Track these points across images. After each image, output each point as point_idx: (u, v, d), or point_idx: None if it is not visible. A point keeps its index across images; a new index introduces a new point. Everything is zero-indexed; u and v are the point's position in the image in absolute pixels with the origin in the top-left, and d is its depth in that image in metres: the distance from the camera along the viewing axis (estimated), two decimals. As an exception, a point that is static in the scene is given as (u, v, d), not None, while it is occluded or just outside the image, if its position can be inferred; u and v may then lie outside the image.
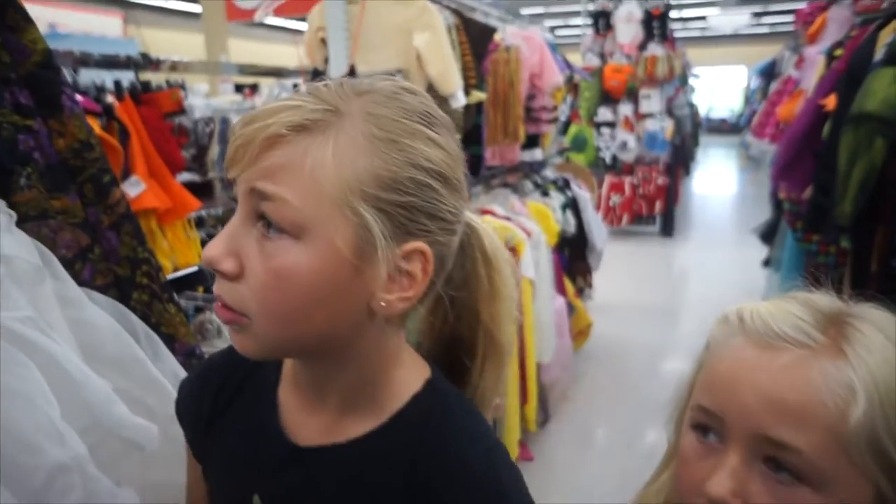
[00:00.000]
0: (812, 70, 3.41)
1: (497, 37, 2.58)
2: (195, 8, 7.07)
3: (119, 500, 0.64)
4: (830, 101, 2.48)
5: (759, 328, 0.57)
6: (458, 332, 0.62)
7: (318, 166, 0.47)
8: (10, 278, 0.63)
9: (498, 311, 0.62)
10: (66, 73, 1.57)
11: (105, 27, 8.95)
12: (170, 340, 0.85)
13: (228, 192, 4.72)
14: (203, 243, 1.82)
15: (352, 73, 1.84)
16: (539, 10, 13.76)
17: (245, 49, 9.58)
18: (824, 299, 0.60)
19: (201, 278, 1.35)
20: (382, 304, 0.50)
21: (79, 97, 1.47)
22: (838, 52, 2.90)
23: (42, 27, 0.92)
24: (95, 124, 1.38)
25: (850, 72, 2.30)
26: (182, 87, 1.80)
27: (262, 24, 7.32)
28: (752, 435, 0.52)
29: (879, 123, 1.89)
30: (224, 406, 0.62)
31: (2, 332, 0.59)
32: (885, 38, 2.12)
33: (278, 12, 2.82)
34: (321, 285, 0.48)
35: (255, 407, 0.60)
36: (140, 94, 1.61)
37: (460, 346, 0.63)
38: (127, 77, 1.81)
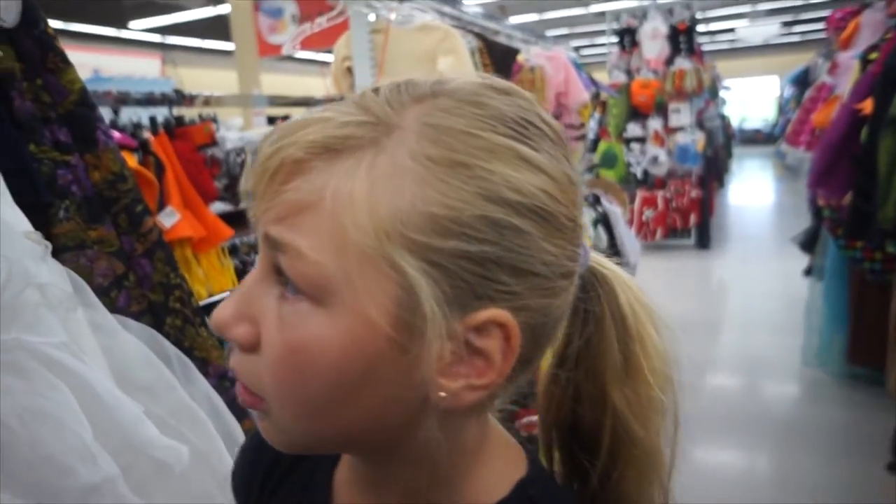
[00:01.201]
0: (846, 75, 3.34)
1: (521, 58, 2.60)
2: (228, 46, 7.35)
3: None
4: (867, 105, 2.43)
5: None
6: (577, 418, 0.47)
7: (344, 203, 0.34)
8: (45, 306, 0.65)
9: (637, 394, 0.45)
10: (107, 112, 1.64)
11: (145, 69, 9.34)
12: (203, 364, 0.86)
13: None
14: (237, 269, 1.86)
15: (377, 99, 1.87)
16: (564, 31, 13.85)
17: (276, 82, 9.86)
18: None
19: None
20: (443, 394, 0.36)
21: (117, 134, 1.54)
22: (873, 55, 2.84)
23: (86, 72, 0.97)
24: (133, 159, 1.43)
25: (886, 74, 2.25)
26: (214, 120, 1.85)
27: (291, 58, 7.53)
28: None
29: (919, 125, 1.84)
30: (276, 484, 0.51)
31: (37, 356, 0.60)
32: (920, 38, 2.07)
33: (305, 45, 2.90)
34: (351, 368, 0.36)
35: (307, 490, 0.49)
36: (174, 129, 1.67)
37: (578, 438, 0.47)
38: (162, 113, 1.88)
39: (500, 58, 2.25)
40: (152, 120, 1.62)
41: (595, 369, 0.45)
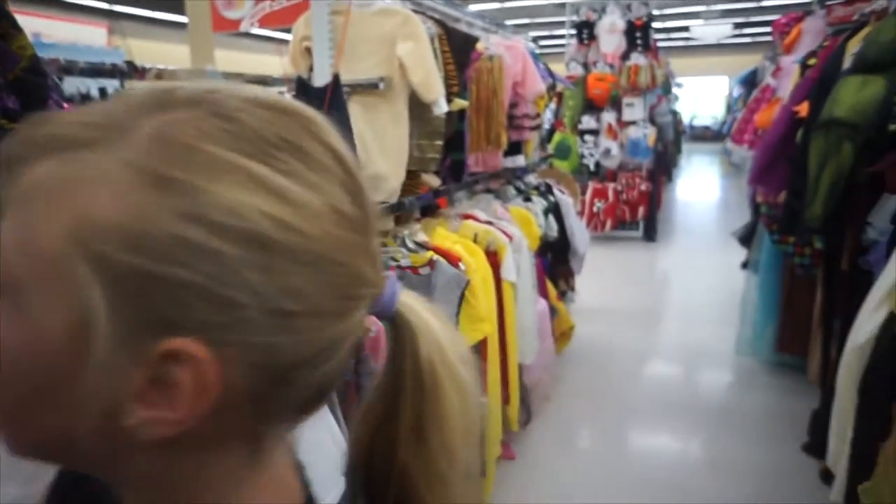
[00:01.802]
0: (788, 78, 3.50)
1: (480, 46, 2.64)
2: (181, 18, 7.11)
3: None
4: (803, 108, 2.56)
5: None
6: (370, 468, 0.42)
7: (42, 203, 0.32)
8: None
9: (428, 462, 0.40)
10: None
11: (90, 38, 8.94)
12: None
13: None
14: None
15: (336, 81, 1.87)
16: (524, 20, 13.92)
17: (231, 59, 9.60)
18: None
19: None
20: (133, 421, 0.33)
21: (66, 105, 1.50)
22: (812, 61, 2.98)
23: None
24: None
25: (821, 80, 2.38)
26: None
27: (247, 35, 7.34)
28: None
29: (847, 128, 1.97)
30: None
31: None
32: (852, 47, 2.21)
33: (263, 23, 2.86)
34: (26, 376, 0.33)
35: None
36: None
37: (367, 486, 0.42)
38: (112, 85, 1.84)
39: (459, 45, 2.28)
40: (102, 91, 1.59)
41: (387, 427, 0.40)
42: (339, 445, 1.20)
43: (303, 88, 1.88)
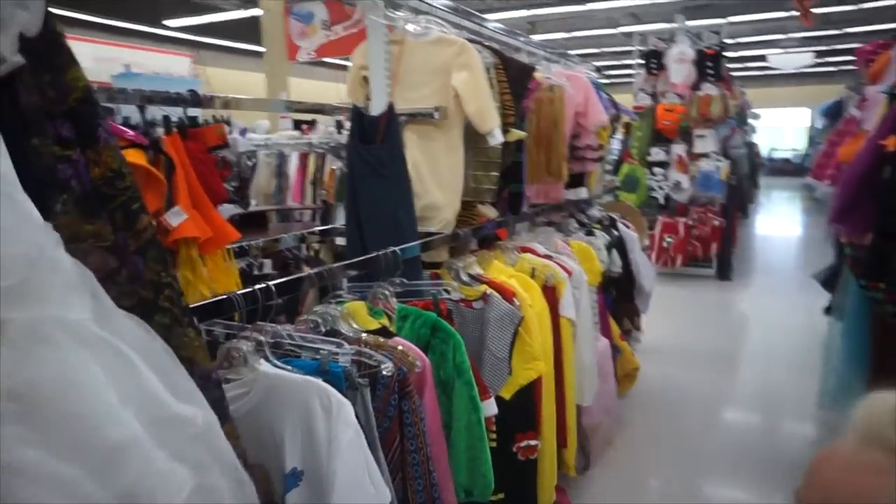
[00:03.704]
0: (874, 109, 3.29)
1: (540, 76, 2.60)
2: (260, 48, 7.49)
3: (175, 477, 0.70)
4: (892, 142, 2.37)
5: None
6: None
7: None
8: (70, 286, 0.72)
9: None
10: (134, 110, 1.66)
11: (176, 67, 9.48)
12: (189, 364, 0.86)
13: (284, 223, 4.86)
14: (242, 273, 1.87)
15: (390, 110, 1.88)
16: (593, 50, 13.85)
17: (306, 87, 9.99)
18: None
19: (237, 305, 1.37)
20: None
21: (129, 132, 1.56)
22: (901, 91, 2.78)
23: (118, 67, 0.98)
24: (142, 157, 1.45)
25: (911, 110, 2.20)
26: (227, 122, 1.87)
27: (322, 64, 7.59)
28: None
29: (942, 163, 1.79)
30: None
31: (68, 332, 0.68)
32: (948, 74, 2.02)
33: (321, 53, 2.92)
34: None
35: None
36: (187, 129, 1.69)
37: None
38: (177, 112, 1.92)
39: (516, 75, 2.25)
40: (166, 119, 1.64)
41: None
42: (378, 488, 1.15)
43: (358, 118, 1.89)
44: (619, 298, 3.20)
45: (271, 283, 1.32)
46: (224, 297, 1.21)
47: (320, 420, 1.09)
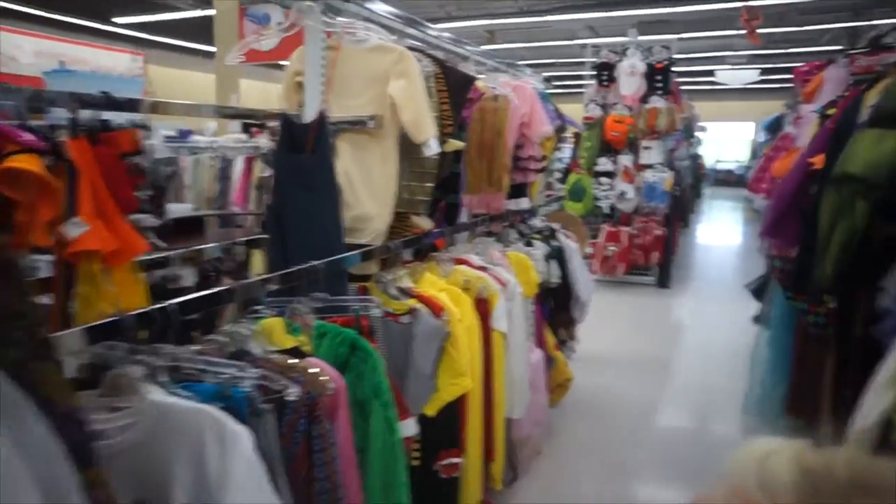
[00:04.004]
0: (807, 128, 3.39)
1: (483, 85, 2.57)
2: (213, 48, 7.28)
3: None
4: (819, 160, 2.43)
5: None
6: None
7: None
8: None
9: None
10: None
11: (124, 65, 9.11)
12: (46, 403, 0.78)
13: (224, 229, 4.70)
14: (157, 286, 1.77)
15: (321, 118, 1.81)
16: (551, 60, 14.01)
17: (259, 90, 9.76)
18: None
19: (146, 322, 1.28)
20: None
21: (27, 135, 1.45)
22: (831, 111, 2.87)
23: (52, 63, 0.87)
24: (38, 163, 1.35)
25: (836, 132, 2.26)
26: (144, 126, 1.77)
27: (278, 66, 7.44)
28: None
29: (861, 185, 1.84)
30: None
31: None
32: (870, 99, 2.09)
33: (252, 58, 2.80)
34: None
35: None
36: (98, 134, 1.58)
37: None
38: (125, 116, 1.81)
39: (456, 84, 2.20)
40: (73, 122, 1.53)
41: None
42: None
43: (287, 125, 1.82)
44: (557, 309, 3.21)
45: (175, 301, 1.24)
46: (112, 318, 1.13)
47: (212, 452, 1.03)
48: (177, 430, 1.05)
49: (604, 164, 6.18)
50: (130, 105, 1.80)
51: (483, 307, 2.20)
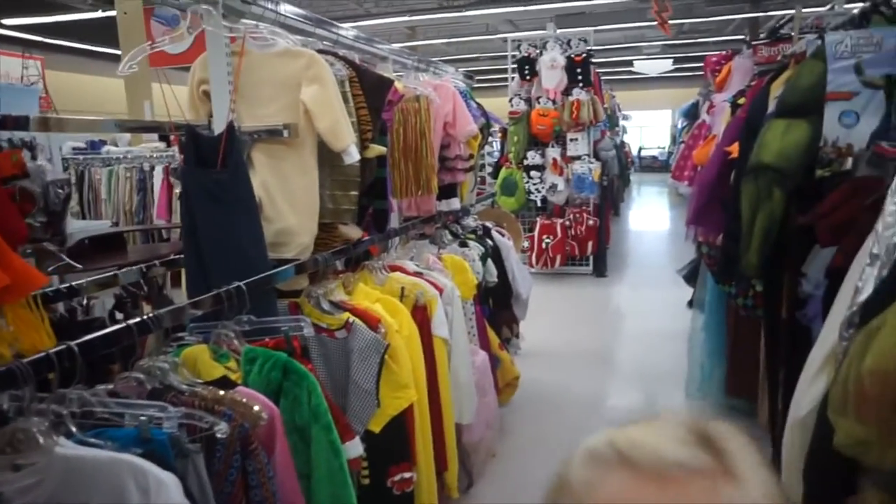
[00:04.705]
0: (720, 116, 3.51)
1: (400, 86, 2.52)
2: (118, 51, 6.84)
3: None
4: (734, 149, 2.52)
5: (649, 458, 0.48)
6: None
7: None
8: None
9: None
10: None
11: (10, 70, 8.43)
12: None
13: (147, 244, 4.45)
14: (62, 320, 1.63)
15: (230, 129, 1.71)
16: (472, 55, 14.09)
17: (176, 95, 9.29)
18: (685, 417, 0.53)
19: (50, 365, 1.17)
20: None
21: None
22: (741, 100, 2.98)
23: None
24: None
25: (748, 122, 2.34)
26: (30, 146, 1.62)
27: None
28: None
29: (776, 174, 1.90)
30: None
31: None
32: (776, 90, 2.17)
33: (155, 63, 2.63)
34: None
35: None
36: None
37: None
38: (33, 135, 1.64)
39: (373, 87, 2.13)
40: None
41: None
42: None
43: (193, 139, 1.71)
44: (497, 308, 3.20)
45: (77, 341, 1.13)
46: (1, 368, 1.01)
47: (133, 505, 0.94)
48: (91, 486, 0.96)
49: (533, 157, 6.26)
50: (14, 122, 1.64)
51: (421, 314, 2.16)
